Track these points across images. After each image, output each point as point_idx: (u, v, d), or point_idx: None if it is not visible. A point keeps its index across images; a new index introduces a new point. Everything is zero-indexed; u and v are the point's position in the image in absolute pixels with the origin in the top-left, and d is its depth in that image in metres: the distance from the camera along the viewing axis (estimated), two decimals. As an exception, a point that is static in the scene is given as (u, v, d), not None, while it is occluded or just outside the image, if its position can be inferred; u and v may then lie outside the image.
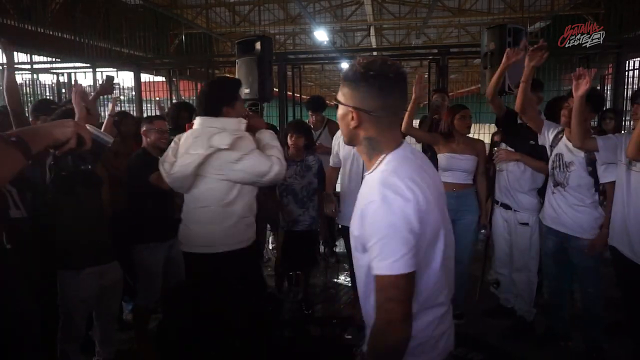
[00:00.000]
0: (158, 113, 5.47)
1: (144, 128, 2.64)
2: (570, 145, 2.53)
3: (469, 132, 3.16)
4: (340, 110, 1.20)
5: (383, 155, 1.18)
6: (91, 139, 1.17)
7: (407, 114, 2.98)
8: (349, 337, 2.96)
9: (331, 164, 3.16)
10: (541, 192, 2.87)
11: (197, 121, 2.17)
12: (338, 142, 3.08)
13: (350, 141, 1.23)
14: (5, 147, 0.96)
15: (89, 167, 1.17)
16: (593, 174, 2.50)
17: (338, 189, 3.26)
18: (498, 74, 2.73)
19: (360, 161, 2.86)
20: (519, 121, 2.92)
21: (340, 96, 1.19)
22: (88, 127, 1.19)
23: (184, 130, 2.30)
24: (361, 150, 1.23)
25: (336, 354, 2.83)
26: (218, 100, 2.15)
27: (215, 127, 2.09)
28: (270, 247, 4.46)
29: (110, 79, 2.73)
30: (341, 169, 3.07)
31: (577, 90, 2.22)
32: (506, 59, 2.62)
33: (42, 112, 2.97)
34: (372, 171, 1.19)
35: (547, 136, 2.69)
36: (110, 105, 2.87)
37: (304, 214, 3.26)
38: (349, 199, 2.94)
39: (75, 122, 1.13)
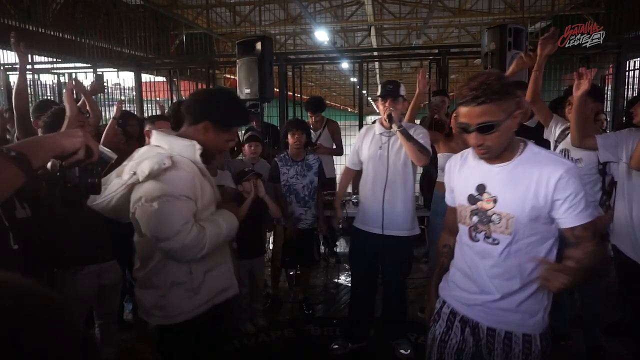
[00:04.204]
0: (159, 113, 5.48)
1: (146, 128, 2.64)
2: None
3: None
4: (505, 126, 1.36)
5: (522, 143, 1.46)
6: (99, 151, 1.12)
7: (410, 108, 2.99)
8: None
9: (349, 164, 2.92)
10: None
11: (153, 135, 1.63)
12: (362, 142, 2.78)
13: (505, 145, 1.42)
14: (3, 164, 0.90)
15: (96, 180, 1.12)
16: (602, 172, 2.47)
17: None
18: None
19: (385, 162, 2.64)
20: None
21: (499, 116, 1.35)
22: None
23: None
24: (501, 146, 1.41)
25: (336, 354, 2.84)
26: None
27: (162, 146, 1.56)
28: (271, 247, 4.46)
29: (99, 77, 2.74)
30: (363, 171, 2.80)
31: (577, 89, 2.22)
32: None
33: (42, 112, 2.99)
34: (519, 155, 1.44)
35: (553, 130, 2.66)
36: (115, 108, 2.87)
37: (306, 212, 3.28)
38: (369, 202, 2.71)
39: (84, 132, 1.08)
